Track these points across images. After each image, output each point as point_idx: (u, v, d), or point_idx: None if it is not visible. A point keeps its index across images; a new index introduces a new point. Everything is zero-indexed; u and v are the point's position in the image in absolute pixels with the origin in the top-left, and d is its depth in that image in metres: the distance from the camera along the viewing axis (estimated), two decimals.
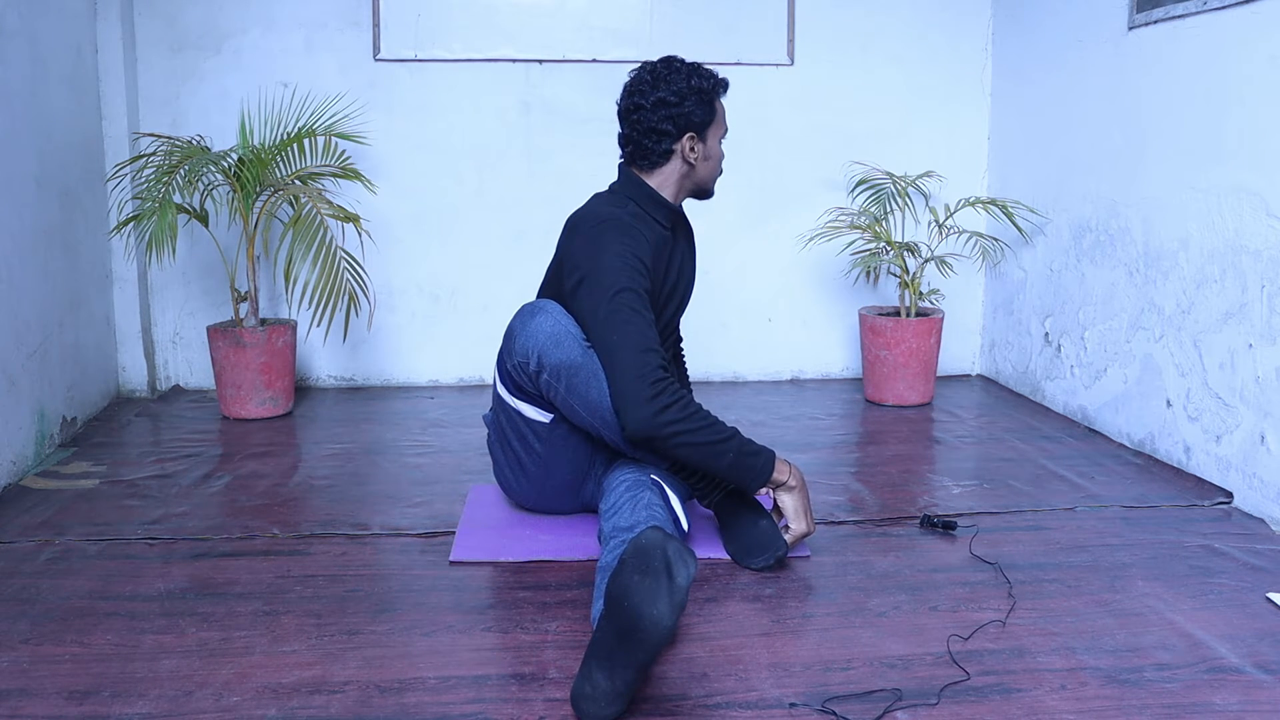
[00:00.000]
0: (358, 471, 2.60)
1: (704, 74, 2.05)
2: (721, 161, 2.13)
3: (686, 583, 1.34)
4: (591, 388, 1.87)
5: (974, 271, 3.73)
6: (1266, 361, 2.26)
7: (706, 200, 2.20)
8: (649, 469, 1.93)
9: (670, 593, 1.33)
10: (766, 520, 1.96)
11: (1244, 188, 2.34)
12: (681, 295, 2.23)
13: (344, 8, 3.44)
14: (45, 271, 2.81)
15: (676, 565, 1.34)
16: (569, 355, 1.86)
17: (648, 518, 1.74)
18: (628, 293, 1.84)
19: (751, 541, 1.95)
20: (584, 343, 1.88)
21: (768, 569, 1.93)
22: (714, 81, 2.06)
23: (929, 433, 3.00)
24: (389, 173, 3.49)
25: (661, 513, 1.79)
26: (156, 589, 1.86)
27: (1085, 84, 3.04)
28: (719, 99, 2.09)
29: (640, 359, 1.79)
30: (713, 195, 2.18)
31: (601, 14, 3.50)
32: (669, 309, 2.18)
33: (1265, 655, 1.60)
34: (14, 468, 2.52)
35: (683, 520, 1.88)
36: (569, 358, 1.86)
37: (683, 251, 2.20)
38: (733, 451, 1.84)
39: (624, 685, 1.37)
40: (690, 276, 2.23)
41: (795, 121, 3.62)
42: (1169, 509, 2.30)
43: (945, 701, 1.46)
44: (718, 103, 2.09)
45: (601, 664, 1.37)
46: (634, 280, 1.86)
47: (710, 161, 2.10)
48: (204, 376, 3.55)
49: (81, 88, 3.13)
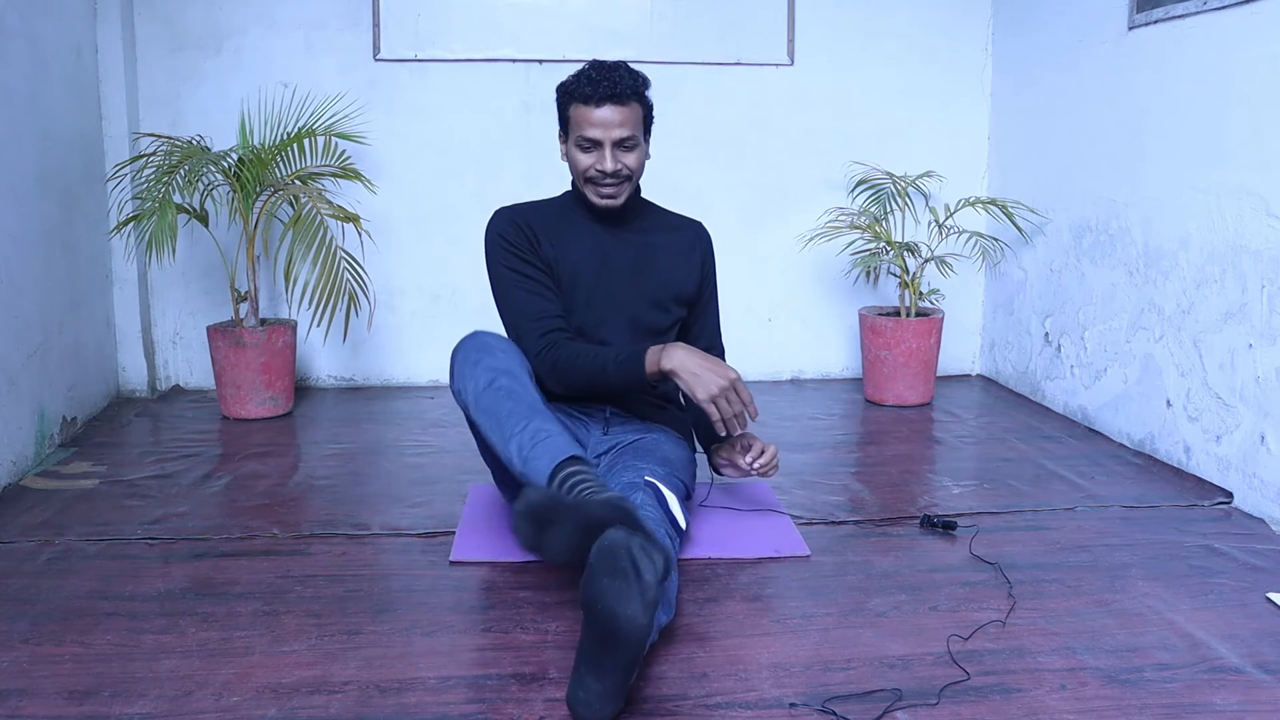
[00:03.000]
0: (358, 471, 2.60)
1: (573, 80, 2.03)
2: (584, 173, 2.05)
3: (655, 579, 1.36)
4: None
5: (974, 271, 3.73)
6: (1266, 361, 2.26)
7: (598, 208, 2.10)
8: (643, 471, 1.93)
9: (641, 591, 1.35)
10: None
11: (1244, 188, 2.34)
12: (612, 290, 2.12)
13: (344, 8, 3.44)
14: (45, 271, 2.81)
15: (643, 562, 1.36)
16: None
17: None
18: (504, 269, 2.08)
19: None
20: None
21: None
22: (565, 91, 2.05)
23: (929, 433, 3.00)
24: (389, 173, 3.49)
25: (655, 512, 1.79)
26: (156, 589, 1.86)
27: (1085, 84, 3.04)
28: (571, 107, 2.04)
29: (523, 328, 2.03)
30: (595, 206, 2.09)
31: (601, 14, 3.50)
32: (590, 296, 2.11)
33: (1265, 655, 1.60)
34: (14, 468, 2.52)
35: (681, 520, 1.88)
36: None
37: (620, 246, 2.13)
38: (610, 366, 1.96)
39: (615, 686, 1.38)
40: (642, 276, 2.14)
41: (795, 121, 3.62)
42: (1169, 509, 2.30)
43: (945, 701, 1.46)
44: (570, 110, 2.04)
45: (590, 668, 1.38)
46: (504, 270, 2.07)
47: (570, 164, 2.10)
48: (204, 376, 3.55)
49: (81, 88, 3.13)
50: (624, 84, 2.00)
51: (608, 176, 2.05)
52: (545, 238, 2.10)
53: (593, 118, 2.01)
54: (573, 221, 2.14)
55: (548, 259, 2.08)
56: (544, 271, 2.07)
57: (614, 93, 1.99)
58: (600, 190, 2.08)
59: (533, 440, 1.73)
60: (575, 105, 2.03)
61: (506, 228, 2.09)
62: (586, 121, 2.01)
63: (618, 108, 2.00)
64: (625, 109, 2.01)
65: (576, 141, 2.05)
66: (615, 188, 2.07)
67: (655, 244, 2.18)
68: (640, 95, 2.05)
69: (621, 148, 2.04)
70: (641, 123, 2.07)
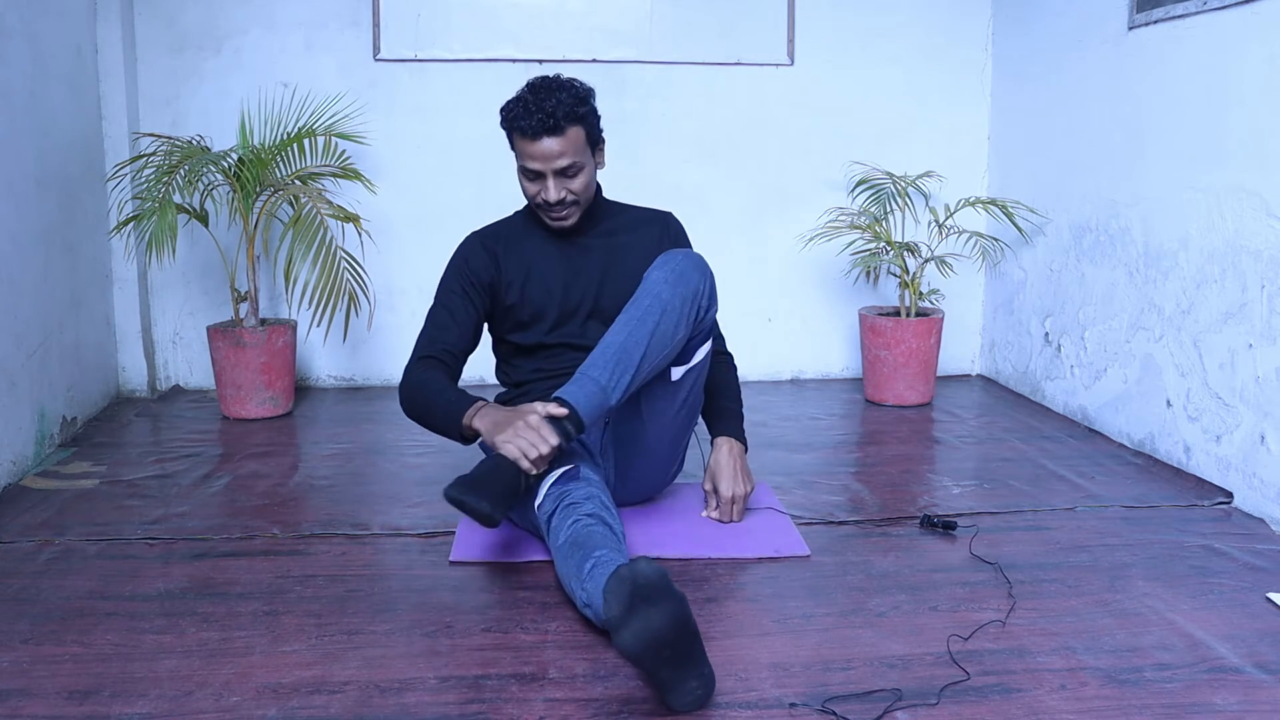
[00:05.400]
0: (358, 471, 2.60)
1: (511, 107, 2.02)
2: (533, 199, 2.06)
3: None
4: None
5: (974, 271, 3.72)
6: (1266, 361, 2.26)
7: (553, 227, 2.12)
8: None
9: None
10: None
11: (1244, 188, 2.34)
12: (586, 298, 2.15)
13: (344, 8, 3.44)
14: (45, 271, 2.81)
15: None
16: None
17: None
18: (444, 288, 2.16)
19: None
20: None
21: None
22: (505, 117, 2.03)
23: (929, 433, 3.00)
24: (389, 173, 3.49)
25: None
26: (156, 589, 1.86)
27: (1085, 84, 3.04)
28: (512, 135, 2.03)
29: (419, 341, 2.13)
30: (550, 224, 2.11)
31: (601, 14, 3.50)
32: (564, 308, 2.14)
33: (1265, 655, 1.60)
34: (14, 468, 2.52)
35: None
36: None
37: (585, 255, 2.15)
38: (439, 403, 1.98)
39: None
40: (612, 278, 2.15)
41: (795, 121, 3.62)
42: (1169, 509, 2.30)
43: (945, 701, 1.46)
44: (512, 138, 2.04)
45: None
46: (445, 293, 2.15)
47: (521, 187, 2.09)
48: (204, 376, 3.55)
49: (81, 88, 3.13)
50: (560, 111, 1.96)
51: (553, 205, 2.05)
52: (511, 260, 2.12)
53: (531, 150, 1.99)
54: (536, 238, 2.16)
55: (507, 283, 2.13)
56: (475, 310, 2.13)
57: (549, 125, 1.96)
58: (550, 215, 2.09)
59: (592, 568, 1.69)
60: (515, 135, 2.02)
61: (471, 254, 2.15)
62: (526, 153, 2.01)
63: (556, 138, 1.98)
64: (563, 138, 1.98)
65: (521, 169, 2.05)
66: (564, 211, 2.08)
67: (622, 244, 2.18)
68: (579, 117, 2.00)
69: (564, 176, 2.02)
70: (585, 144, 2.03)
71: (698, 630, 1.43)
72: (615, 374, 1.87)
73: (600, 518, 1.76)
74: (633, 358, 1.87)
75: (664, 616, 1.36)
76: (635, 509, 2.24)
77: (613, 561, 1.60)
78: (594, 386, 1.86)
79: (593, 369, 1.88)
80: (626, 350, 1.87)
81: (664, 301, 1.89)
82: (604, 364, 1.87)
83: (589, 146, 2.05)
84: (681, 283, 1.91)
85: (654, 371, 1.93)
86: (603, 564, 1.60)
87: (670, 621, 1.37)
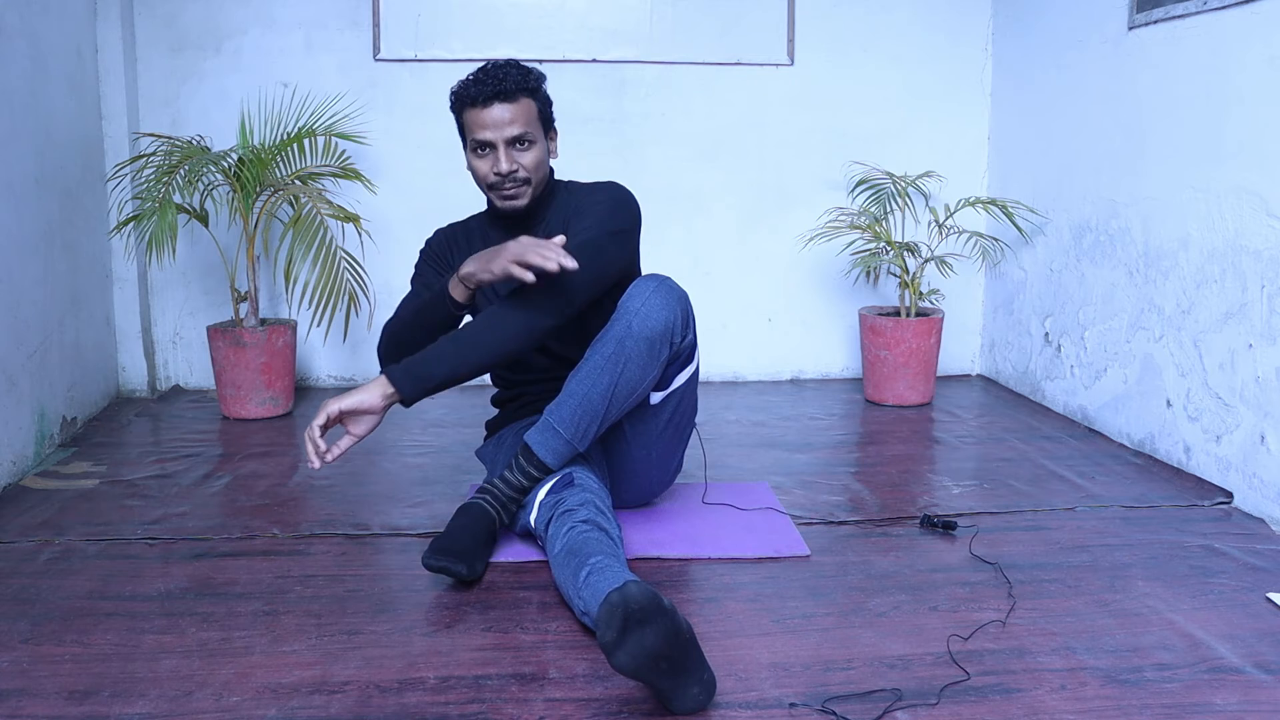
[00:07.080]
0: (358, 471, 2.60)
1: (461, 84, 1.99)
2: (485, 180, 2.02)
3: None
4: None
5: (974, 271, 3.73)
6: (1266, 361, 2.26)
7: (505, 213, 2.06)
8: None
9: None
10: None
11: (1244, 188, 2.34)
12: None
13: (344, 8, 3.44)
14: (45, 271, 2.81)
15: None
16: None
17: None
18: (415, 277, 2.19)
19: None
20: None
21: None
22: (455, 96, 2.01)
23: (929, 433, 3.00)
24: (389, 173, 3.49)
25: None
26: (156, 589, 1.86)
27: (1085, 84, 3.04)
28: (463, 114, 2.00)
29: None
30: (500, 211, 2.06)
31: (601, 14, 3.50)
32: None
33: (1265, 655, 1.60)
34: (14, 468, 2.52)
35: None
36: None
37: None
38: (426, 298, 1.99)
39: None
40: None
41: (795, 121, 3.62)
42: (1169, 509, 2.30)
43: (945, 701, 1.46)
44: (464, 117, 2.01)
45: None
46: (420, 271, 2.18)
47: (473, 176, 2.05)
48: (204, 376, 3.55)
49: (81, 88, 3.13)
50: (511, 79, 1.95)
51: (505, 179, 2.00)
52: (464, 256, 2.08)
53: (482, 118, 1.96)
54: (489, 239, 2.12)
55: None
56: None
57: (500, 90, 1.94)
58: (501, 193, 2.02)
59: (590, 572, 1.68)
60: (466, 110, 1.99)
61: (433, 246, 2.21)
62: (477, 124, 1.97)
63: (507, 105, 1.95)
64: (515, 105, 1.96)
65: (472, 148, 2.01)
66: (514, 189, 2.02)
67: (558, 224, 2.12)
68: (531, 90, 1.99)
69: (515, 147, 1.98)
70: (537, 119, 2.00)
71: (695, 639, 1.42)
72: (580, 426, 1.92)
73: (595, 523, 1.75)
74: (597, 410, 1.91)
75: (657, 635, 1.36)
76: (635, 509, 2.24)
77: (607, 568, 1.59)
78: (558, 441, 1.92)
79: (557, 419, 1.92)
80: (590, 401, 1.90)
81: (626, 353, 1.88)
82: (569, 415, 1.91)
83: (541, 125, 2.02)
84: (647, 325, 1.88)
85: (626, 409, 1.96)
86: (598, 570, 1.59)
87: (664, 638, 1.36)
